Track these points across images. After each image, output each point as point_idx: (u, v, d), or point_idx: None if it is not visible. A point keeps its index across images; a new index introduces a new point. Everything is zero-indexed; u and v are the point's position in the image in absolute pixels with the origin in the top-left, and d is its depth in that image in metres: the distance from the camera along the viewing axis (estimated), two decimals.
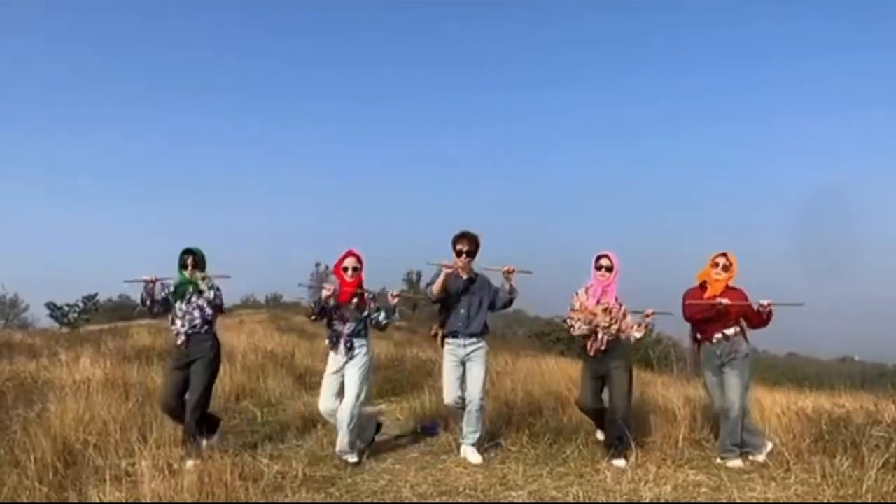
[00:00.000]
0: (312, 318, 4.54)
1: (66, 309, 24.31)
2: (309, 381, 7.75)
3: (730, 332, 4.41)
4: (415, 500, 3.63)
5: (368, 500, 3.66)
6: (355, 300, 4.47)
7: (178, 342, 4.49)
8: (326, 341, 4.55)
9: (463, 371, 4.54)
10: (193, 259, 4.52)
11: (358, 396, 4.36)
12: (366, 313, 4.51)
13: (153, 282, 4.49)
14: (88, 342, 12.66)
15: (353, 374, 4.40)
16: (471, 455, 4.45)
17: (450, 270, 4.44)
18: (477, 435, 4.51)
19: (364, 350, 4.47)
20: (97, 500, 3.28)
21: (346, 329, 4.44)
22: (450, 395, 4.52)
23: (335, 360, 4.47)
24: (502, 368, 8.61)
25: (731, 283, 4.44)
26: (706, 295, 4.42)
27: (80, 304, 24.58)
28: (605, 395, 4.54)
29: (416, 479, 4.04)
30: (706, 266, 4.54)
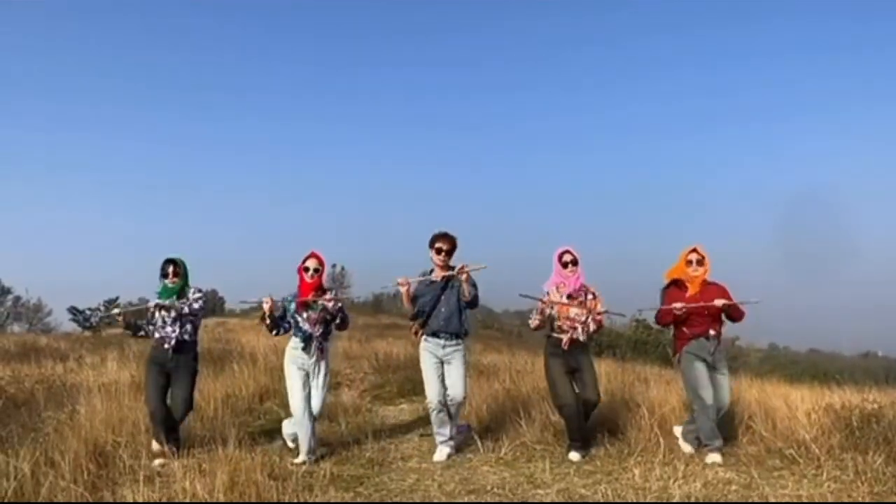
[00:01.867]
0: (273, 333, 4.56)
1: (88, 313, 24.70)
2: (329, 381, 7.80)
3: (719, 328, 4.44)
4: (443, 498, 3.63)
5: (397, 498, 3.67)
6: (321, 303, 4.50)
7: (166, 346, 4.56)
8: (298, 342, 4.50)
9: (443, 370, 4.56)
10: (175, 268, 4.62)
11: (324, 401, 4.61)
12: (332, 316, 4.56)
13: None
14: (112, 345, 12.85)
15: (322, 379, 4.54)
16: (439, 454, 4.53)
17: (405, 287, 4.49)
18: (457, 419, 4.66)
19: (329, 354, 4.60)
20: (132, 500, 3.32)
21: (317, 331, 4.49)
22: (433, 393, 4.51)
23: (300, 357, 4.50)
24: (522, 367, 8.60)
25: (707, 278, 4.44)
26: (688, 295, 4.39)
27: (102, 308, 24.93)
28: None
29: (443, 477, 4.05)
30: (677, 264, 4.52)
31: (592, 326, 4.52)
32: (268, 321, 4.47)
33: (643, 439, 4.60)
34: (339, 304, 4.59)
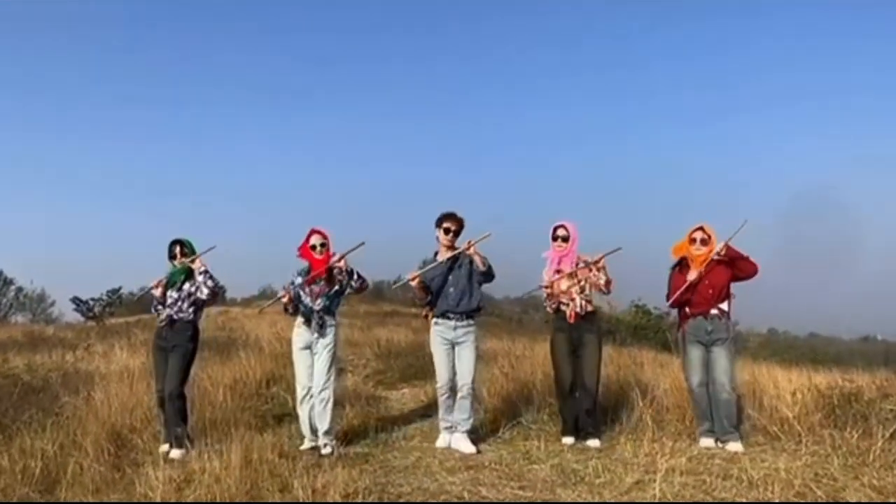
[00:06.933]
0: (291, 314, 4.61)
1: (91, 303, 24.93)
2: (334, 364, 8.04)
3: (724, 306, 4.43)
4: (445, 473, 3.86)
5: (401, 474, 3.90)
6: (324, 277, 4.49)
7: (161, 324, 4.63)
8: (301, 318, 4.55)
9: (454, 353, 4.53)
10: (181, 249, 4.67)
11: (330, 377, 4.48)
12: (337, 288, 4.56)
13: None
14: (118, 335, 13.11)
15: (324, 355, 4.47)
16: (463, 445, 4.39)
17: (414, 282, 4.48)
18: (470, 421, 4.49)
19: (333, 329, 4.54)
20: (154, 477, 3.54)
21: (318, 305, 4.49)
22: (444, 378, 4.50)
23: (304, 335, 4.53)
24: (521, 352, 8.83)
25: (714, 257, 4.38)
26: (688, 276, 4.40)
27: (105, 298, 25.17)
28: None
29: (444, 455, 4.29)
30: (683, 240, 4.53)
31: (602, 279, 4.48)
32: (290, 309, 4.55)
33: (635, 419, 4.83)
34: (350, 267, 4.53)
